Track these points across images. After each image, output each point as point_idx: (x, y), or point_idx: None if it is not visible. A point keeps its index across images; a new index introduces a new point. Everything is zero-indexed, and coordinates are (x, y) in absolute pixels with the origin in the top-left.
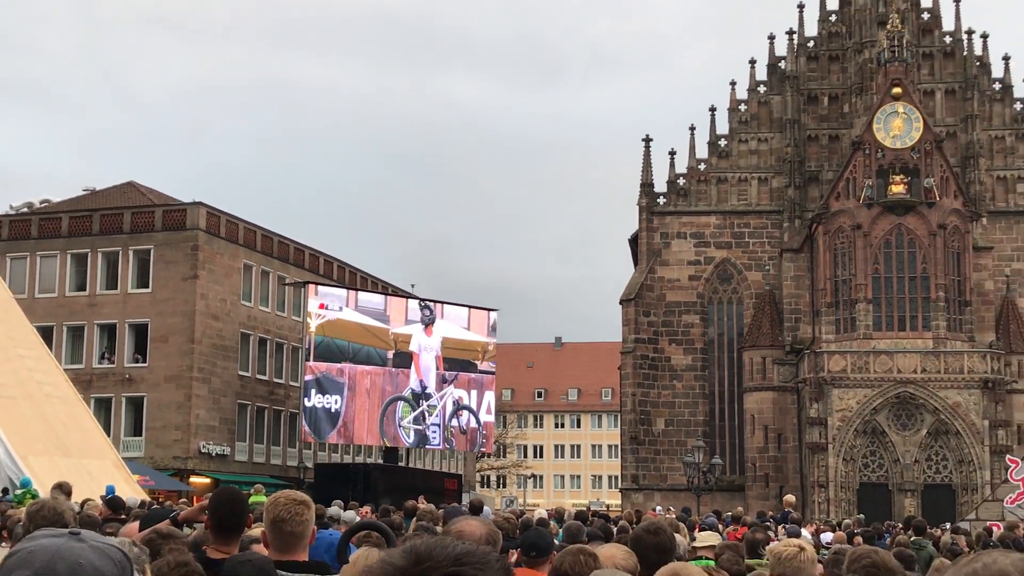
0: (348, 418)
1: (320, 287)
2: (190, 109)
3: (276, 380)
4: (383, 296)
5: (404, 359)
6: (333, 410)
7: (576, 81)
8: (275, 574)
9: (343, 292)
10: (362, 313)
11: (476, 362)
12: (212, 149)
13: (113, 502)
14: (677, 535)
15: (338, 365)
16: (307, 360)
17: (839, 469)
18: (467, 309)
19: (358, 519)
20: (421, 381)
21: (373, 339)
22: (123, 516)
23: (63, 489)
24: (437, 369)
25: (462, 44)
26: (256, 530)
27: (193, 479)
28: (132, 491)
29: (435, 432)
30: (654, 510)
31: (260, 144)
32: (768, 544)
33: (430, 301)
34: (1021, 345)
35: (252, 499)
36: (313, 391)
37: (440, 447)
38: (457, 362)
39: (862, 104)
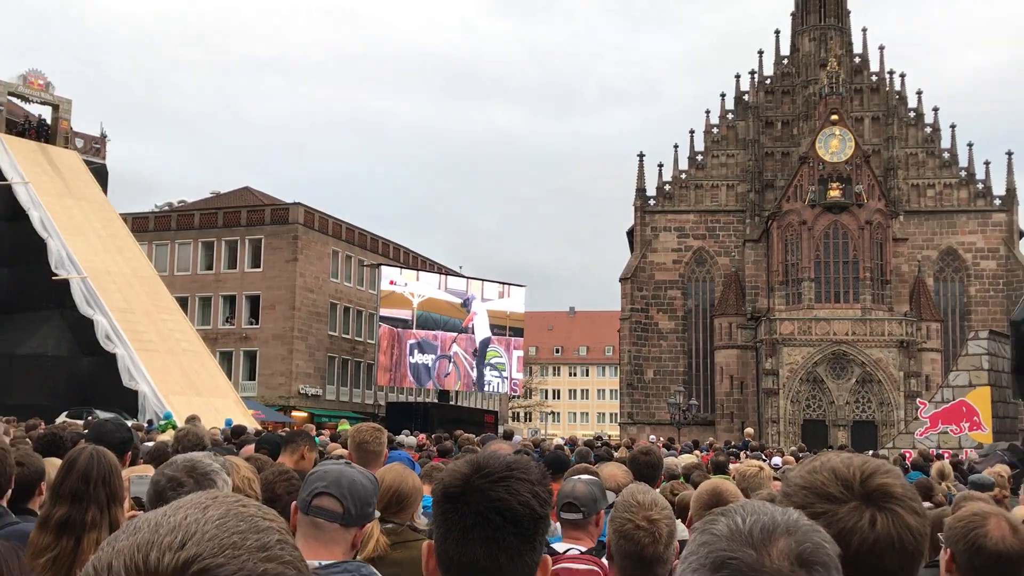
0: (440, 371)
1: (391, 268)
2: (293, 131)
3: (356, 338)
4: (465, 280)
5: (471, 328)
6: (429, 365)
7: (587, 110)
8: None
9: (412, 273)
10: (449, 293)
11: (507, 326)
12: (310, 162)
13: (236, 430)
14: (665, 457)
15: (432, 332)
16: (380, 324)
17: (787, 409)
18: (503, 285)
19: (416, 443)
20: (480, 341)
21: (454, 312)
22: (242, 439)
23: (194, 420)
24: (488, 332)
25: (500, 82)
26: (337, 451)
27: (294, 413)
28: (247, 422)
29: (495, 376)
30: (648, 439)
31: (347, 158)
32: (729, 465)
33: (474, 279)
34: (929, 314)
35: (339, 428)
36: (416, 351)
37: (488, 390)
38: (497, 327)
39: (807, 128)
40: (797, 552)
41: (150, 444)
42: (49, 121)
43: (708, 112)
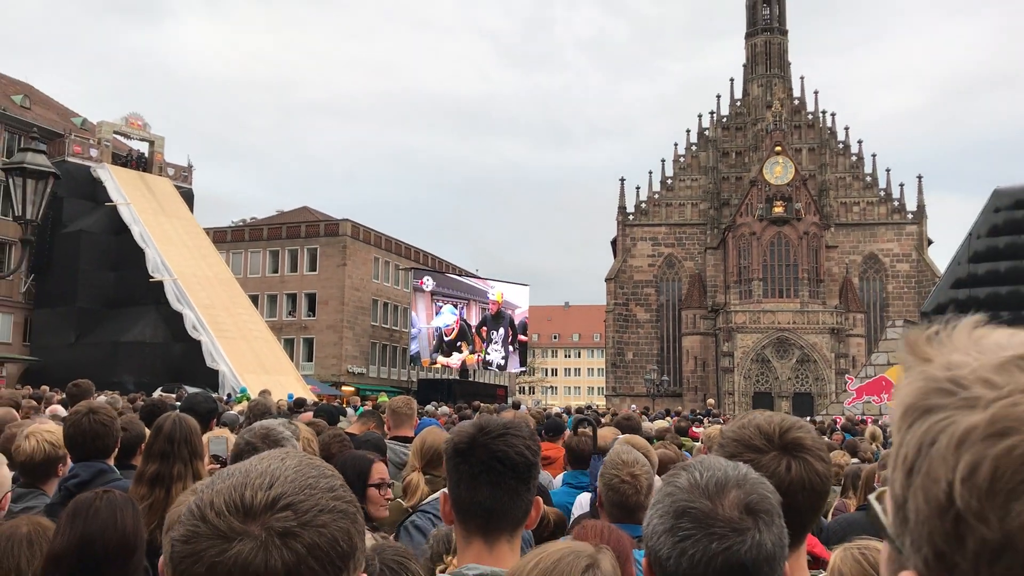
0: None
1: (422, 271)
2: (343, 161)
3: (394, 328)
4: (480, 280)
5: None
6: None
7: (579, 144)
8: (384, 447)
9: (440, 276)
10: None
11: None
12: (356, 186)
13: (297, 401)
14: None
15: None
16: (415, 322)
17: (741, 383)
18: (511, 285)
19: (448, 412)
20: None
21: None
22: (302, 409)
23: (266, 393)
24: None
25: (509, 121)
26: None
27: (343, 388)
28: (307, 395)
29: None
30: (629, 408)
31: (386, 183)
32: (692, 428)
33: (488, 279)
34: (855, 307)
35: (380, 399)
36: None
37: (498, 365)
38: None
39: (756, 157)
40: (746, 502)
41: (230, 413)
42: (147, 154)
43: (676, 144)
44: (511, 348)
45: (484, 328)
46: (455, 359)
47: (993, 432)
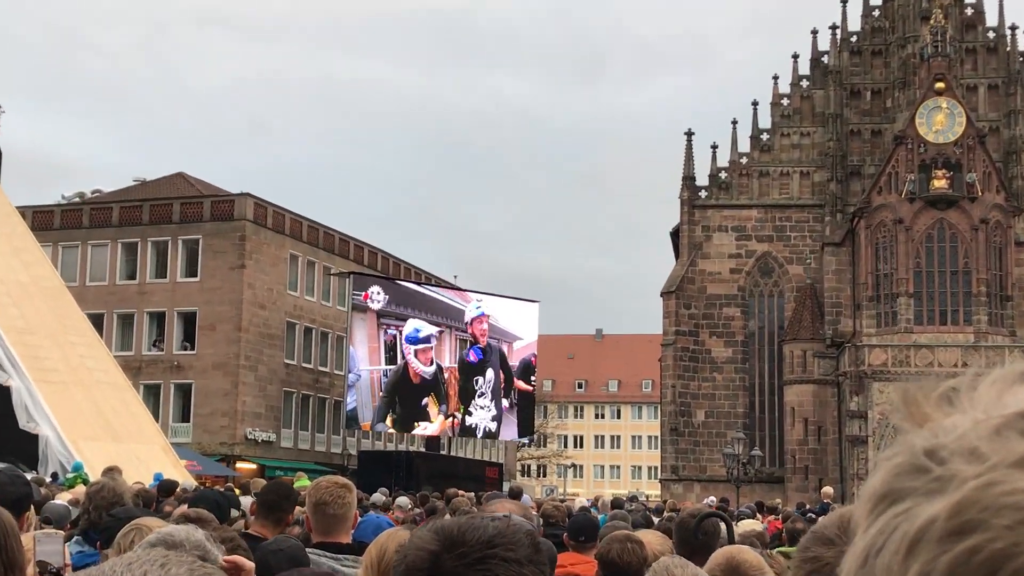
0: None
1: (367, 278)
2: (243, 104)
3: (321, 368)
4: (460, 294)
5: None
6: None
7: (619, 77)
8: (307, 560)
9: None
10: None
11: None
12: (262, 143)
13: (165, 485)
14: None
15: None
16: (354, 360)
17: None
18: (509, 300)
19: (409, 504)
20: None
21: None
22: (174, 498)
23: (115, 472)
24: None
25: (507, 41)
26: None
27: (239, 465)
28: (180, 476)
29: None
30: (704, 501)
31: (310, 139)
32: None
33: (472, 292)
34: None
35: (296, 484)
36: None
37: (487, 431)
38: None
39: (905, 99)
40: None
41: (57, 503)
42: None
43: (776, 79)
44: (507, 403)
45: (457, 372)
46: (423, 429)
47: (953, 528)
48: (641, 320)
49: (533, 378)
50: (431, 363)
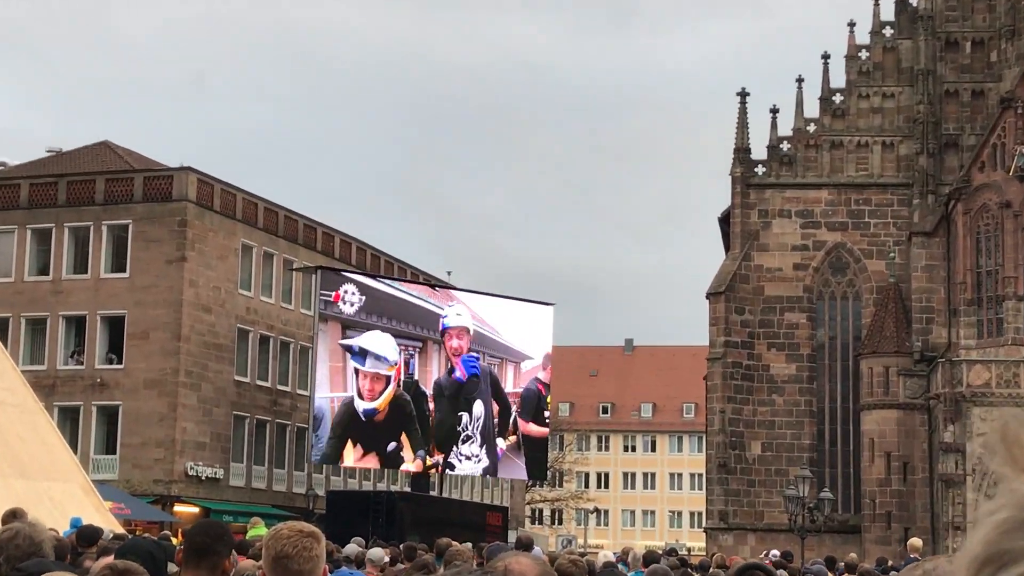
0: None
1: (343, 278)
2: (182, 57)
3: (281, 387)
4: (453, 294)
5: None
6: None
7: (655, 23)
8: None
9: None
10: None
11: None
12: (208, 105)
13: (85, 533)
14: None
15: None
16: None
17: (980, 506)
18: (516, 304)
19: (387, 559)
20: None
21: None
22: (95, 548)
23: (17, 517)
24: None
25: None
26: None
27: (178, 508)
28: (104, 521)
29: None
30: (763, 556)
31: (267, 100)
32: None
33: (472, 292)
34: None
35: (250, 532)
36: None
37: (487, 470)
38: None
39: (1014, 51)
40: None
41: None
42: None
43: (852, 26)
44: (506, 444)
45: (432, 404)
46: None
47: None
48: (682, 328)
49: (547, 414)
50: (377, 395)
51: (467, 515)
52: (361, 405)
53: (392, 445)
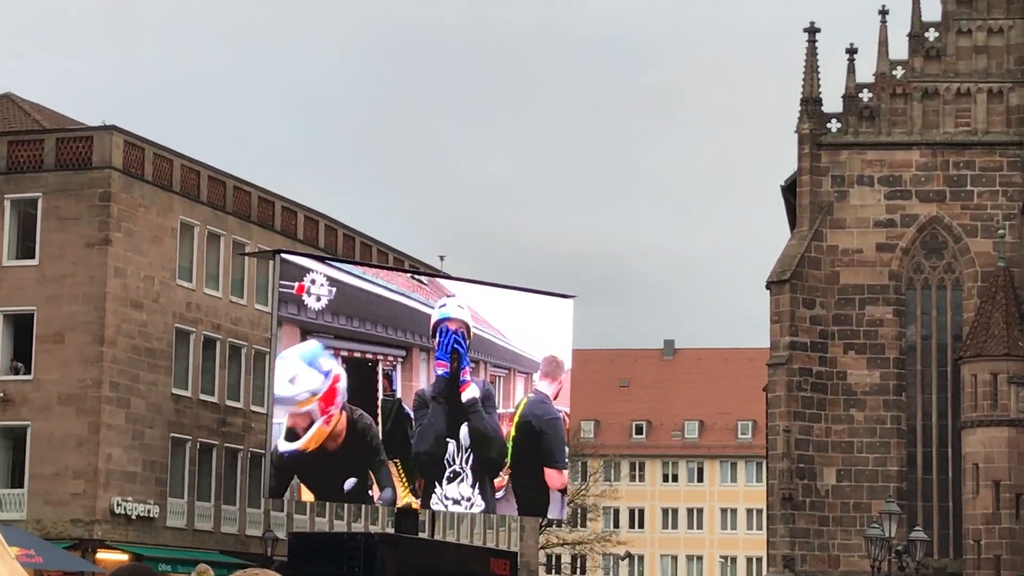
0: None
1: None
2: None
3: (231, 403)
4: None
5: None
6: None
7: None
8: None
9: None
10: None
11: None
12: (136, 50)
13: None
14: None
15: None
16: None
17: None
18: (526, 297)
19: None
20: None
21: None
22: None
23: None
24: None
25: None
26: None
27: (102, 555)
28: (8, 572)
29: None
30: None
31: (210, 41)
32: None
33: (470, 282)
34: None
35: None
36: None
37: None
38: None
39: None
40: None
41: None
42: None
43: None
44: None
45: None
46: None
47: None
48: (736, 327)
49: (566, 454)
50: (303, 433)
51: (466, 562)
52: (284, 447)
53: (351, 482)
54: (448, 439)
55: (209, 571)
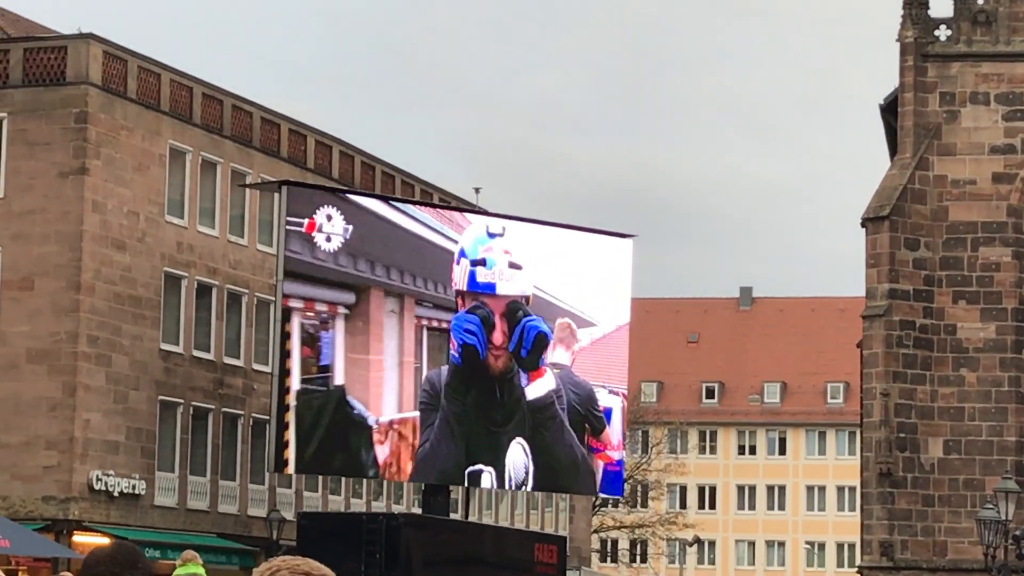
0: None
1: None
2: None
3: (229, 360)
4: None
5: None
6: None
7: None
8: None
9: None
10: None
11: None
12: None
13: None
14: None
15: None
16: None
17: None
18: (576, 236)
19: None
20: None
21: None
22: None
23: None
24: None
25: None
26: None
27: (79, 538)
28: None
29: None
30: None
31: None
32: None
33: (511, 219)
34: None
35: (178, 572)
36: None
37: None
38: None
39: None
40: None
41: None
42: None
43: None
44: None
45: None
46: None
47: None
48: (824, 272)
49: (614, 435)
50: None
51: (506, 548)
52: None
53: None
54: (492, 408)
55: (196, 558)
